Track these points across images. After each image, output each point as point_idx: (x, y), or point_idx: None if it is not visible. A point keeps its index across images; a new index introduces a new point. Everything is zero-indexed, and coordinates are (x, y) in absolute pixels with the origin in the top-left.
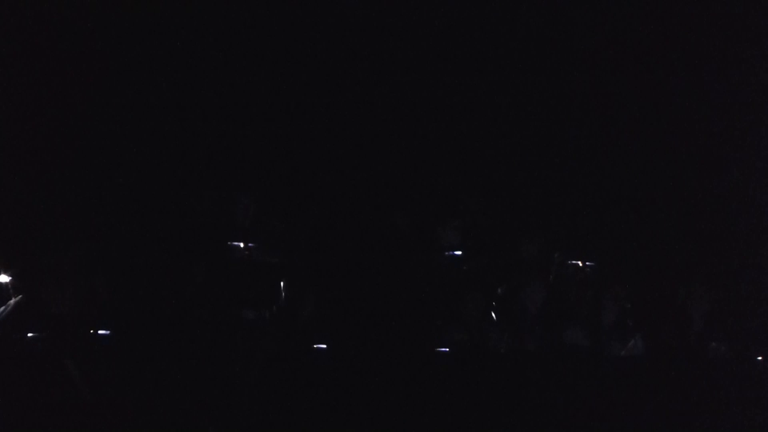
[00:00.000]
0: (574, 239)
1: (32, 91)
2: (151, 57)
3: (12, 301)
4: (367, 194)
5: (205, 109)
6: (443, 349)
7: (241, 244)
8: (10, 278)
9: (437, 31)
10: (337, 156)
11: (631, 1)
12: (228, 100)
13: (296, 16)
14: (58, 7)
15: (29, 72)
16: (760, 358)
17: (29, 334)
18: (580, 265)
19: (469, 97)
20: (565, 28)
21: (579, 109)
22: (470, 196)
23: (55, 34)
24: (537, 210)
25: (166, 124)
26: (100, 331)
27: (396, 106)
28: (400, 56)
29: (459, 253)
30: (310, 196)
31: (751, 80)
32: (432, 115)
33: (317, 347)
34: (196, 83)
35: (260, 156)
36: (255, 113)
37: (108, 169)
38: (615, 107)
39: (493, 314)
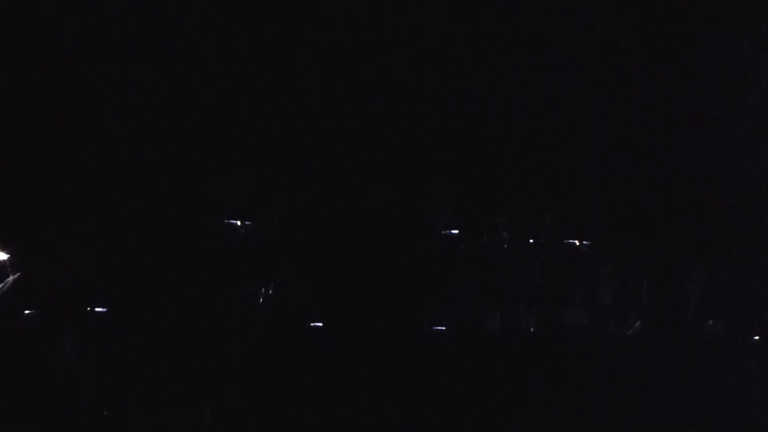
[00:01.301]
0: (570, 218)
1: (29, 76)
2: (150, 36)
3: (10, 279)
4: (361, 175)
5: (203, 86)
6: (439, 328)
7: (238, 223)
8: (8, 256)
9: (426, 19)
10: (332, 137)
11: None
12: (226, 77)
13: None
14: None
15: (27, 61)
16: (757, 337)
17: (26, 312)
18: (577, 243)
19: (457, 78)
20: (552, 16)
21: (572, 88)
22: (464, 175)
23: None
24: (532, 188)
25: (162, 101)
26: (96, 309)
27: (389, 88)
28: (394, 43)
29: (454, 232)
30: (306, 177)
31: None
32: (424, 95)
33: (313, 325)
34: (194, 61)
35: (257, 135)
36: (254, 92)
37: (106, 146)
38: (608, 86)
39: (488, 294)
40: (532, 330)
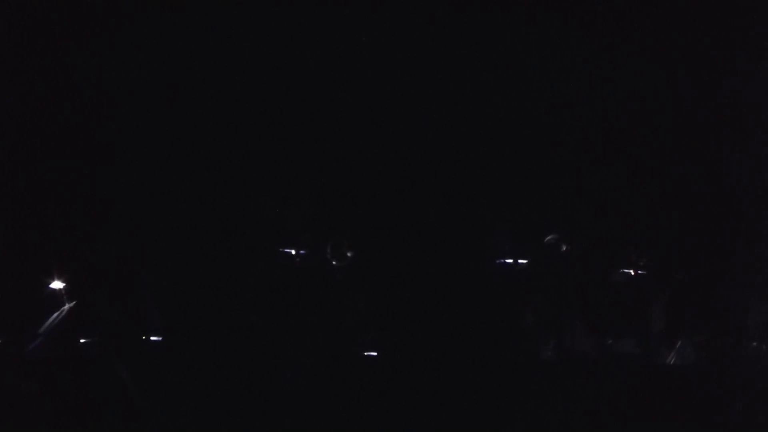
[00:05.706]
0: (624, 246)
1: (77, 99)
2: (209, 58)
3: (66, 307)
4: (418, 204)
5: (259, 113)
6: (493, 357)
7: (293, 251)
8: (64, 285)
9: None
10: (386, 166)
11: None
12: (285, 105)
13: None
14: None
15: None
16: None
17: (82, 340)
18: (632, 273)
19: (511, 105)
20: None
21: (622, 111)
22: (518, 204)
23: None
24: (587, 218)
25: (218, 127)
26: (152, 338)
27: (447, 120)
28: (458, 72)
29: (510, 261)
30: (362, 205)
31: None
32: (478, 122)
33: (367, 354)
34: (253, 86)
35: (311, 165)
36: (310, 120)
37: (160, 173)
38: (654, 106)
39: (544, 323)
40: (585, 358)
